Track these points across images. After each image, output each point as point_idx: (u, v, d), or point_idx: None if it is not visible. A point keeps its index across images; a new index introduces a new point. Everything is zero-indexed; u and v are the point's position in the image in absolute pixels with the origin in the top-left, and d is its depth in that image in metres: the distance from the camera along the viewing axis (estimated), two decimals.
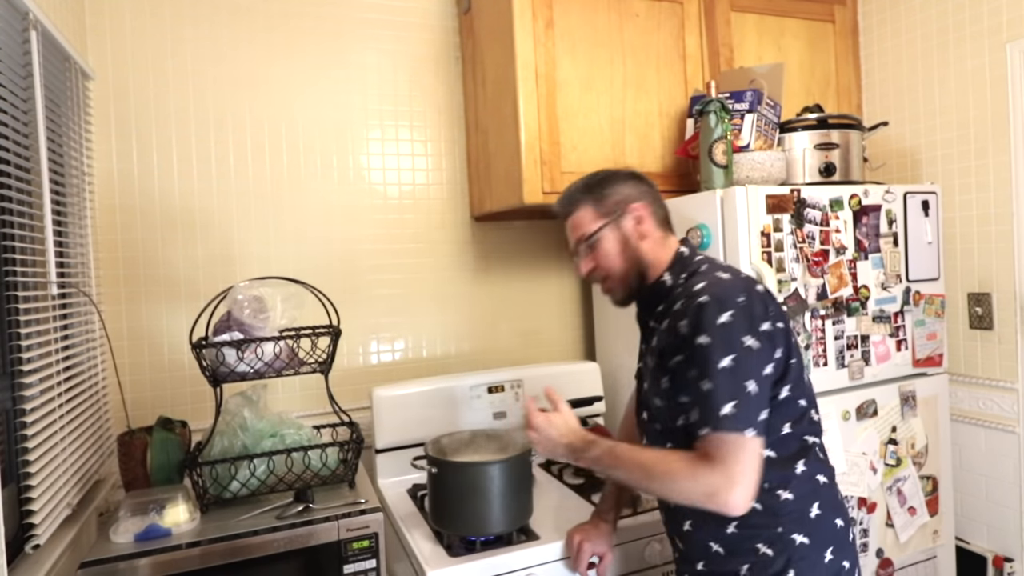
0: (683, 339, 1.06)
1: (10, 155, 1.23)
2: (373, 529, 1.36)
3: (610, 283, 1.22)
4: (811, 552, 1.07)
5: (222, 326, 1.44)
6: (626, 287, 1.21)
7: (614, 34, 1.88)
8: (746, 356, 1.01)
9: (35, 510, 1.20)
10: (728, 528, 1.08)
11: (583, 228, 1.22)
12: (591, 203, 1.22)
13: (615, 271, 1.20)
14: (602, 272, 1.22)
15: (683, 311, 1.08)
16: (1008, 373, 1.92)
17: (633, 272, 1.20)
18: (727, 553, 1.09)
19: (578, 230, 1.22)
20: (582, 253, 1.23)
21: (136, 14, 1.79)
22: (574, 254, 1.26)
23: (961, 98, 2.01)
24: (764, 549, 1.06)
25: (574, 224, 1.24)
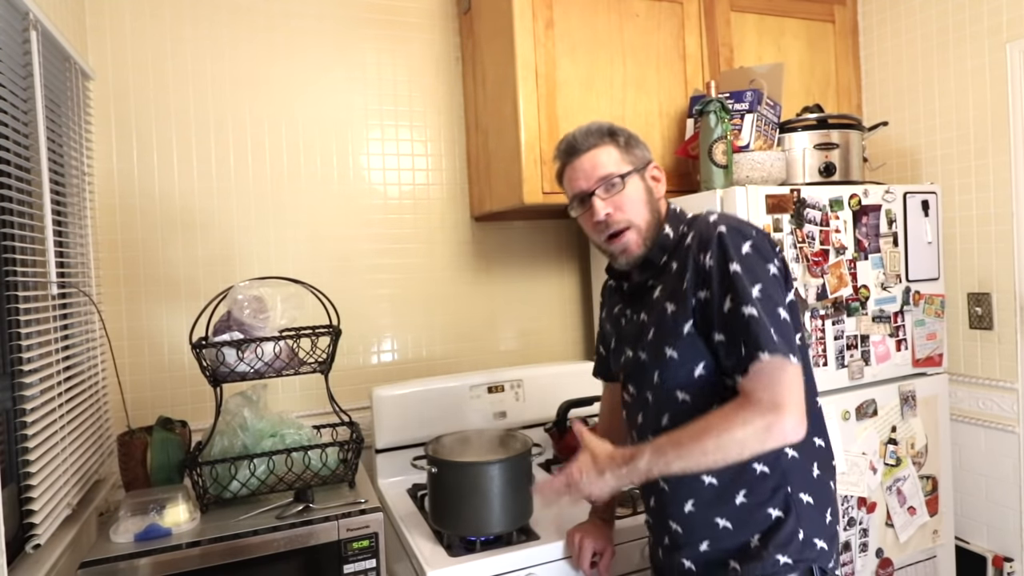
0: (709, 271, 1.03)
1: (10, 155, 1.23)
2: (373, 529, 1.36)
3: (630, 235, 1.12)
4: (815, 512, 1.07)
5: (222, 326, 1.44)
6: (649, 239, 1.13)
7: (614, 34, 1.88)
8: (772, 284, 1.02)
9: (35, 510, 1.20)
10: (737, 498, 1.06)
11: (607, 168, 1.13)
12: (616, 146, 1.15)
13: (640, 220, 1.12)
14: (623, 220, 1.12)
15: (703, 244, 1.05)
16: (1008, 373, 1.92)
17: (656, 225, 1.14)
18: (736, 526, 1.07)
19: (601, 168, 1.13)
20: (600, 194, 1.12)
21: (136, 14, 1.79)
22: (583, 197, 1.15)
23: (961, 98, 2.01)
24: (775, 512, 1.05)
25: (594, 162, 1.13)
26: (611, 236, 1.14)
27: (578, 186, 1.15)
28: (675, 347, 1.08)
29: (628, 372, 1.20)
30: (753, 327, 0.98)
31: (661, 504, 1.15)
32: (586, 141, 1.15)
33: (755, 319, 0.98)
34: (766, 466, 1.05)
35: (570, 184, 1.18)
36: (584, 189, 1.14)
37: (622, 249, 1.14)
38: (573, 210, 1.19)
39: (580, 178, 1.15)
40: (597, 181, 1.13)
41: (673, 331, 1.08)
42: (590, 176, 1.14)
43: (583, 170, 1.14)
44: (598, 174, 1.13)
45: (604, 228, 1.13)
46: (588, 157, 1.14)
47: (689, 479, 1.08)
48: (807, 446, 1.09)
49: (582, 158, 1.15)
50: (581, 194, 1.15)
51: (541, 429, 1.92)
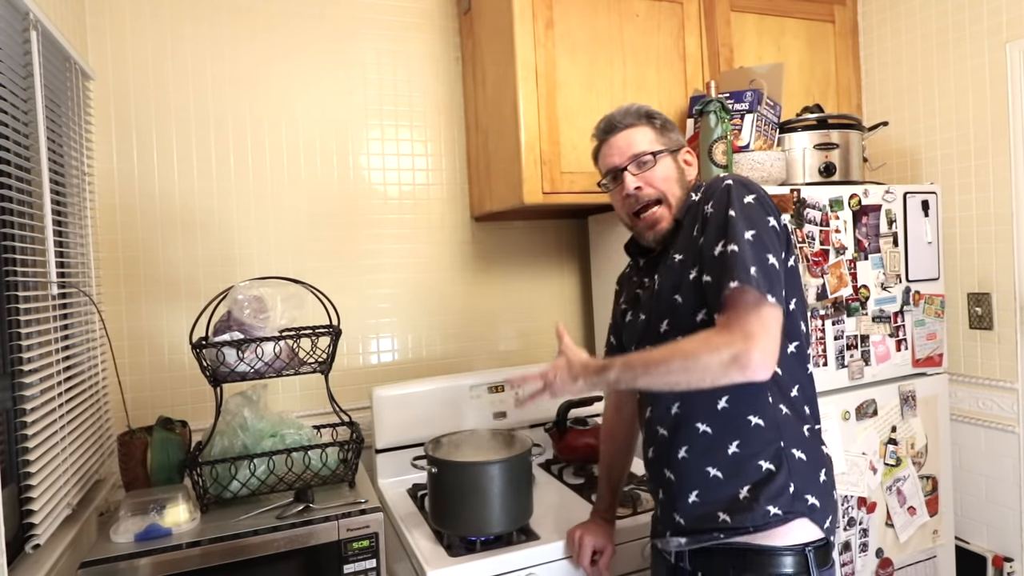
0: (708, 216, 1.08)
1: (10, 155, 1.23)
2: (373, 529, 1.36)
3: (661, 210, 1.17)
4: (808, 468, 1.08)
5: (222, 326, 1.44)
6: (676, 214, 1.17)
7: (614, 34, 1.88)
8: (768, 233, 1.05)
9: (35, 510, 1.20)
10: (730, 448, 1.08)
11: (642, 145, 1.19)
12: (651, 128, 1.20)
13: (671, 195, 1.17)
14: (652, 193, 1.17)
15: (708, 196, 1.11)
16: (1008, 373, 1.92)
17: (685, 203, 1.18)
18: (726, 476, 1.08)
19: (635, 146, 1.19)
20: (632, 170, 1.18)
21: (136, 14, 1.79)
22: (615, 173, 1.20)
23: (961, 98, 2.01)
24: (766, 465, 1.06)
25: (630, 140, 1.19)
26: (639, 213, 1.19)
27: (611, 162, 1.21)
28: (680, 293, 1.11)
29: (641, 335, 1.21)
30: (732, 260, 1.01)
31: (659, 453, 1.18)
32: (624, 120, 1.21)
33: (736, 254, 1.01)
34: (760, 418, 1.07)
35: (604, 160, 1.23)
36: (617, 165, 1.20)
37: (651, 224, 1.18)
38: (606, 186, 1.24)
39: (614, 154, 1.21)
40: (630, 158, 1.18)
41: (681, 279, 1.11)
42: (624, 152, 1.19)
43: (617, 147, 1.20)
44: (632, 151, 1.19)
45: (633, 203, 1.18)
46: (624, 135, 1.20)
47: (685, 427, 1.11)
48: (800, 407, 1.11)
49: (618, 136, 1.21)
50: (614, 169, 1.21)
51: (541, 429, 1.92)
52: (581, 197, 1.83)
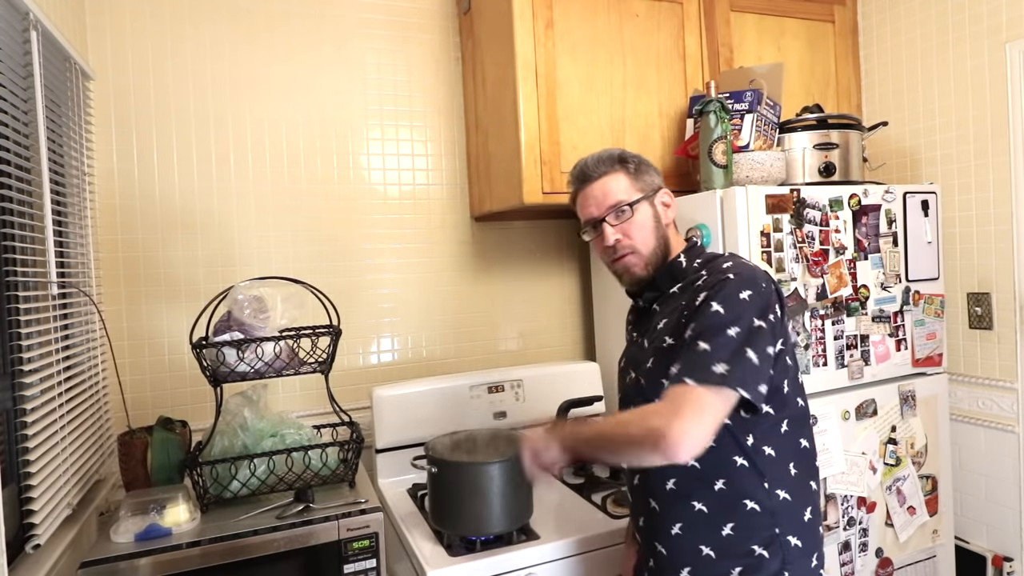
0: (695, 307, 1.06)
1: (10, 155, 1.23)
2: (373, 529, 1.36)
3: (635, 259, 1.17)
4: (802, 556, 1.07)
5: (222, 326, 1.45)
6: (652, 264, 1.17)
7: (614, 34, 1.88)
8: (753, 333, 1.01)
9: (35, 510, 1.20)
10: (724, 530, 1.06)
11: (618, 195, 1.17)
12: (626, 174, 1.19)
13: (646, 247, 1.17)
14: (629, 245, 1.17)
15: (705, 285, 1.08)
16: (1007, 373, 1.92)
17: (661, 251, 1.18)
18: (718, 556, 1.06)
19: (611, 197, 1.17)
20: (610, 221, 1.17)
21: (136, 14, 1.79)
22: (594, 223, 1.20)
23: (961, 98, 2.01)
24: (760, 550, 1.05)
25: (605, 190, 1.18)
26: (616, 258, 1.20)
27: (590, 212, 1.20)
28: (655, 359, 1.11)
29: (628, 394, 1.22)
30: (698, 357, 0.99)
31: (650, 524, 1.15)
32: (597, 169, 1.19)
33: (706, 353, 0.99)
34: (756, 503, 1.05)
35: (582, 209, 1.23)
36: (595, 216, 1.19)
37: (624, 269, 1.19)
38: (586, 234, 1.23)
39: (592, 205, 1.20)
40: (607, 208, 1.18)
41: (663, 362, 1.08)
42: (601, 204, 1.18)
43: (594, 197, 1.19)
44: (608, 202, 1.18)
45: (612, 252, 1.19)
46: (599, 185, 1.19)
47: (680, 503, 1.09)
48: (800, 488, 1.09)
49: (593, 185, 1.19)
50: (593, 220, 1.20)
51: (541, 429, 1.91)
52: None
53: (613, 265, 1.21)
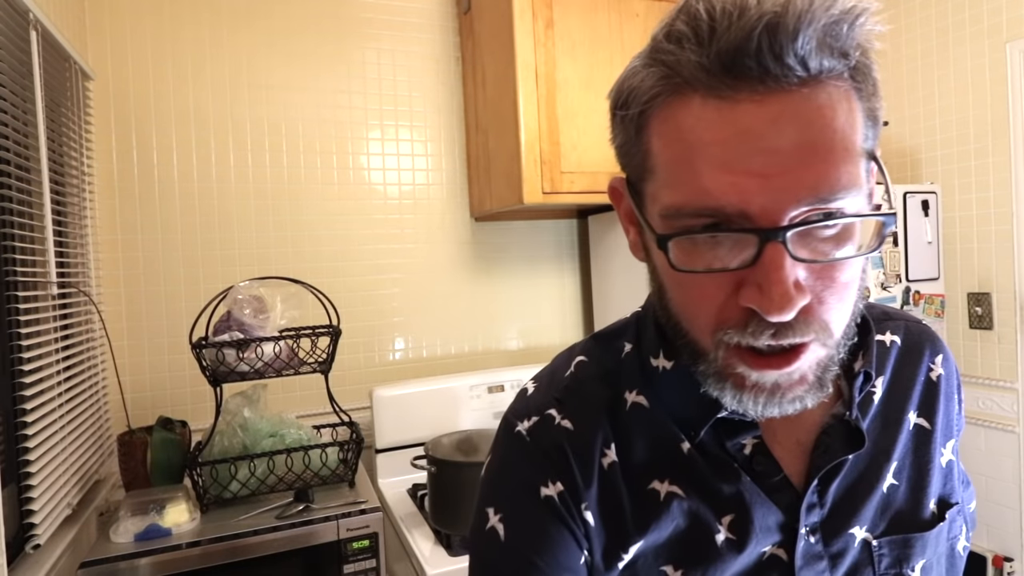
0: (958, 416, 0.60)
1: (10, 155, 1.23)
2: (373, 529, 1.36)
3: (814, 356, 0.44)
4: None
5: (222, 326, 1.45)
6: (835, 365, 0.46)
7: (614, 34, 1.88)
8: None
9: (35, 510, 1.20)
10: None
11: (849, 159, 0.40)
12: (859, 102, 0.41)
13: (840, 325, 0.45)
14: (816, 324, 0.42)
15: (951, 373, 0.60)
16: (1008, 373, 1.92)
17: (851, 332, 0.47)
18: None
19: (830, 157, 0.39)
20: (795, 245, 0.40)
21: (136, 14, 1.79)
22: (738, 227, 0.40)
23: (961, 98, 2.01)
24: None
25: (823, 125, 0.39)
26: (767, 351, 0.43)
27: (743, 192, 0.39)
28: (929, 550, 0.54)
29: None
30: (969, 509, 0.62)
31: None
32: (807, 52, 0.38)
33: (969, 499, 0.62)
34: None
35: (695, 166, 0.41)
36: (752, 213, 0.40)
37: (780, 387, 0.44)
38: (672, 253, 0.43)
39: (753, 167, 0.39)
40: (808, 203, 0.40)
41: (949, 559, 0.57)
42: (790, 174, 0.39)
43: (772, 150, 0.39)
44: (816, 179, 0.39)
45: (761, 334, 0.42)
46: (799, 107, 0.39)
47: None
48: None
49: (783, 102, 0.39)
50: (738, 219, 0.40)
51: None
52: (581, 197, 1.83)
53: (741, 364, 0.44)
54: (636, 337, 0.57)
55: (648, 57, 0.45)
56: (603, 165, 1.85)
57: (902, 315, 0.62)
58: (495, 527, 0.52)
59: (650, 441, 0.52)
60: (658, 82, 0.42)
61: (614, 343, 0.57)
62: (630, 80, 0.45)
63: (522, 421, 0.55)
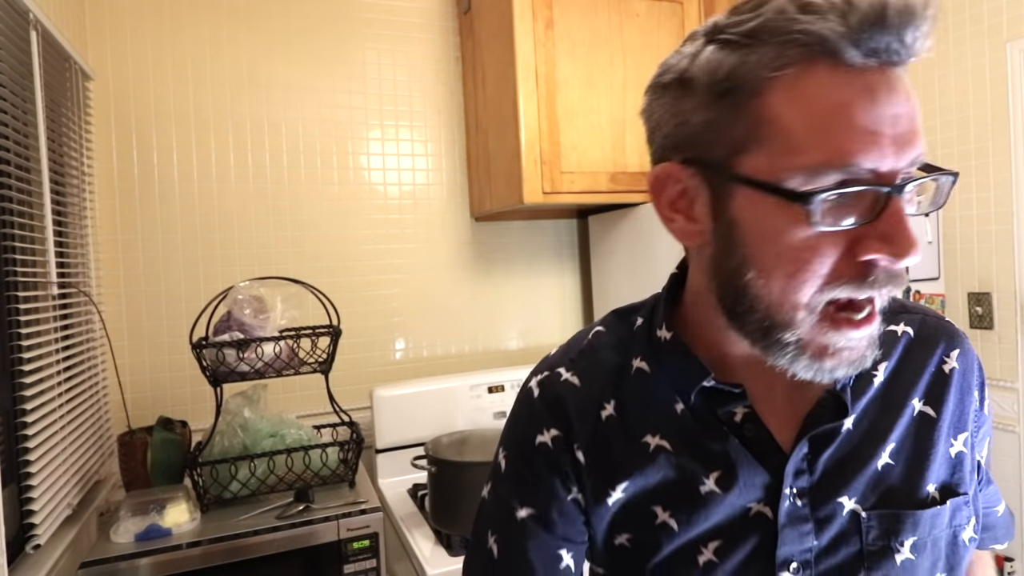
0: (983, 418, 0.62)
1: (10, 155, 1.23)
2: (373, 529, 1.36)
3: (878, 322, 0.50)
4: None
5: (222, 326, 1.45)
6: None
7: (614, 34, 1.88)
8: None
9: (35, 510, 1.20)
10: None
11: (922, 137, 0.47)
12: None
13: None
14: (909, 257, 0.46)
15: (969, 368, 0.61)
16: (1008, 373, 1.92)
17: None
18: None
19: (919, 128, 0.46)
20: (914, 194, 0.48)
21: (136, 14, 1.79)
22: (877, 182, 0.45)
23: (961, 98, 2.01)
24: None
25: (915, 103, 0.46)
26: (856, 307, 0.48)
27: (880, 144, 0.44)
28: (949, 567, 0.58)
29: None
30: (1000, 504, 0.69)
31: None
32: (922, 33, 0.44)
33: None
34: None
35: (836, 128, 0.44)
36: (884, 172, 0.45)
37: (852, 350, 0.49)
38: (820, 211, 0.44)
39: (883, 129, 0.44)
40: (913, 162, 0.46)
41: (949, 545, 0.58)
42: (904, 136, 0.45)
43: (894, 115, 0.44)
44: (918, 142, 0.46)
45: (876, 283, 0.47)
46: (906, 85, 0.46)
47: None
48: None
49: (899, 77, 0.45)
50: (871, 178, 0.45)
51: None
52: (581, 197, 1.83)
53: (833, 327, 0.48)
54: (649, 312, 0.63)
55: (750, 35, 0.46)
56: (603, 165, 1.85)
57: (922, 309, 0.64)
58: (500, 462, 0.64)
59: (647, 401, 0.59)
60: (783, 53, 0.45)
61: (630, 317, 0.65)
62: (719, 58, 0.48)
63: (536, 376, 0.66)
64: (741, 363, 0.56)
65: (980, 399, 0.61)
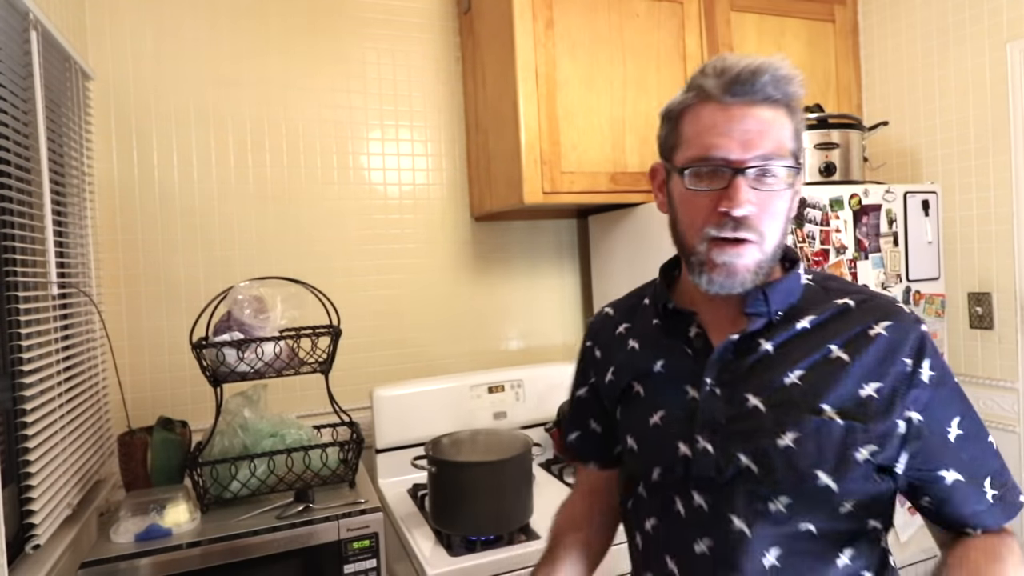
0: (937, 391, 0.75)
1: (10, 155, 1.23)
2: (373, 529, 1.36)
3: (755, 252, 0.76)
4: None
5: (222, 326, 1.45)
6: (766, 269, 0.78)
7: (614, 34, 1.88)
8: None
9: (35, 510, 1.20)
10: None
11: (777, 143, 0.75)
12: (792, 122, 0.78)
13: (772, 242, 0.77)
14: (756, 228, 0.75)
15: (900, 339, 0.76)
16: (1008, 373, 1.92)
17: (777, 257, 0.80)
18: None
19: (767, 139, 0.74)
20: (751, 179, 0.75)
21: (136, 14, 1.79)
22: (718, 167, 0.75)
23: (961, 98, 2.01)
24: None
25: (765, 125, 0.75)
26: (726, 240, 0.76)
27: (724, 146, 0.75)
28: (834, 473, 0.73)
29: (699, 474, 0.78)
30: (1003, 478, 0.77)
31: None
32: (774, 88, 0.75)
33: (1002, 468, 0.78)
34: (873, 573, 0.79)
35: (704, 135, 0.76)
36: (731, 159, 0.74)
37: (728, 263, 0.76)
38: (685, 178, 0.77)
39: (734, 136, 0.74)
40: (758, 157, 0.74)
41: (838, 453, 0.73)
42: (752, 143, 0.74)
43: (744, 129, 0.74)
44: (763, 147, 0.74)
45: (726, 226, 0.75)
46: (762, 113, 0.75)
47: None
48: (887, 546, 0.86)
49: (753, 110, 0.75)
50: (719, 162, 0.75)
51: (541, 429, 1.92)
52: (581, 197, 1.83)
53: (711, 249, 0.77)
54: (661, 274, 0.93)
55: (686, 85, 0.82)
56: (603, 165, 1.85)
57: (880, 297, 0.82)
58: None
59: (642, 321, 0.92)
60: (690, 97, 0.80)
61: (652, 280, 0.96)
62: (674, 98, 0.83)
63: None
64: (700, 299, 0.84)
65: (915, 368, 0.75)
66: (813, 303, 0.81)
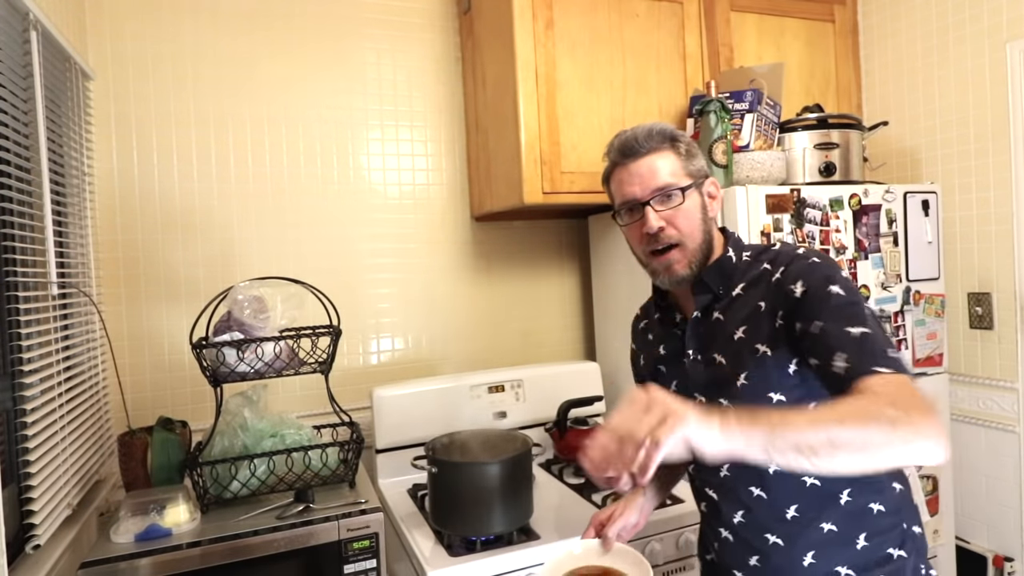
0: (800, 298, 0.94)
1: (10, 155, 1.23)
2: (373, 529, 1.36)
3: (679, 254, 1.04)
4: (922, 540, 1.04)
5: (222, 326, 1.44)
6: (696, 262, 1.05)
7: (614, 34, 1.88)
8: (873, 313, 0.94)
9: (35, 510, 1.20)
10: (858, 543, 0.98)
11: (665, 178, 1.03)
12: (676, 155, 1.06)
13: (692, 240, 1.04)
14: (674, 236, 1.04)
15: (793, 272, 0.97)
16: (1008, 372, 1.92)
17: (706, 248, 1.06)
18: (859, 572, 0.98)
19: (659, 177, 1.03)
20: (655, 205, 1.03)
21: (136, 14, 1.79)
22: (633, 206, 1.06)
23: (961, 98, 2.01)
24: (896, 552, 0.99)
25: (653, 169, 1.04)
26: (656, 252, 1.06)
27: (631, 192, 1.06)
28: (780, 388, 0.98)
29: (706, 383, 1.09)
30: (870, 344, 0.87)
31: (772, 564, 1.02)
32: (646, 143, 1.05)
33: (871, 337, 0.88)
34: (882, 505, 0.99)
35: (621, 187, 1.08)
36: (637, 197, 1.05)
37: (665, 267, 1.06)
38: (620, 218, 1.10)
39: (634, 183, 1.05)
40: (654, 190, 1.04)
41: (769, 375, 0.98)
42: (646, 183, 1.04)
43: (639, 175, 1.05)
44: (655, 182, 1.04)
45: (652, 242, 1.05)
46: (646, 162, 1.05)
47: (809, 529, 0.99)
48: (905, 480, 1.05)
49: (639, 162, 1.05)
50: (632, 202, 1.06)
51: (541, 429, 1.92)
52: (581, 197, 1.83)
53: (651, 260, 1.07)
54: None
55: (606, 157, 1.13)
56: (603, 165, 1.85)
57: (783, 250, 1.04)
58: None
59: (651, 318, 1.22)
60: (608, 166, 1.13)
61: None
62: (605, 168, 1.14)
63: None
64: (679, 296, 1.13)
65: (790, 284, 0.97)
66: (745, 272, 1.05)
